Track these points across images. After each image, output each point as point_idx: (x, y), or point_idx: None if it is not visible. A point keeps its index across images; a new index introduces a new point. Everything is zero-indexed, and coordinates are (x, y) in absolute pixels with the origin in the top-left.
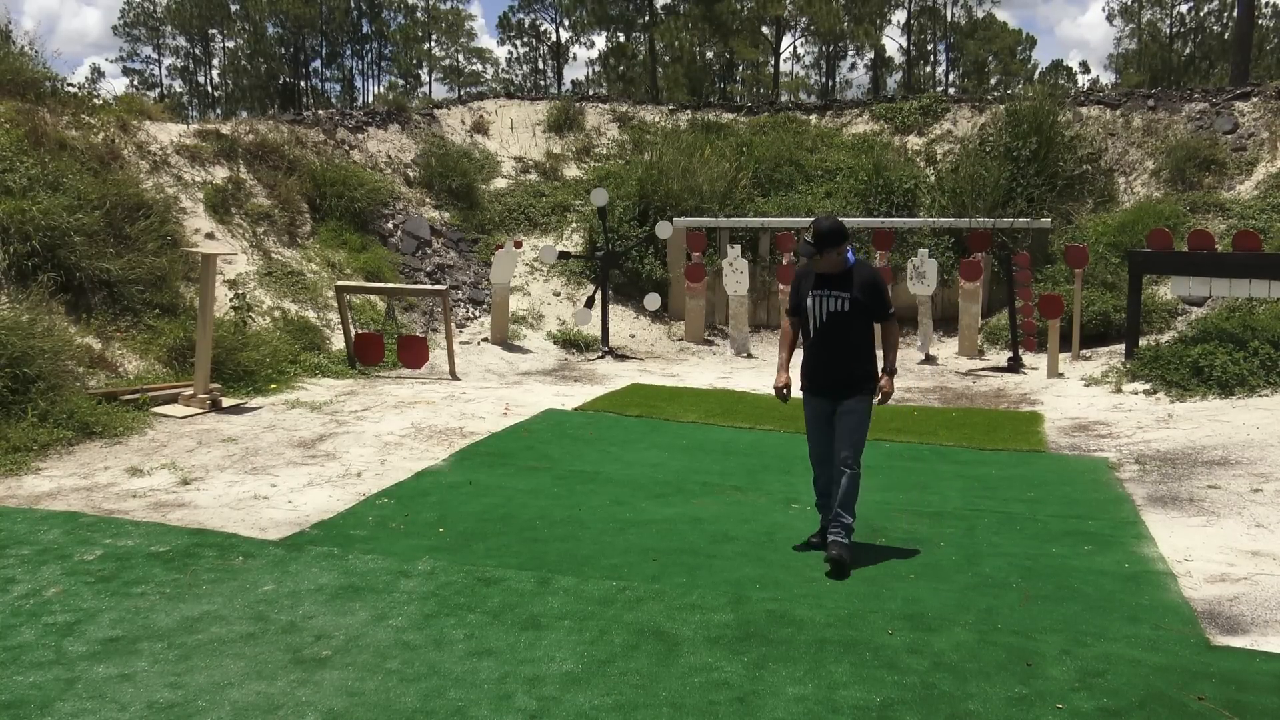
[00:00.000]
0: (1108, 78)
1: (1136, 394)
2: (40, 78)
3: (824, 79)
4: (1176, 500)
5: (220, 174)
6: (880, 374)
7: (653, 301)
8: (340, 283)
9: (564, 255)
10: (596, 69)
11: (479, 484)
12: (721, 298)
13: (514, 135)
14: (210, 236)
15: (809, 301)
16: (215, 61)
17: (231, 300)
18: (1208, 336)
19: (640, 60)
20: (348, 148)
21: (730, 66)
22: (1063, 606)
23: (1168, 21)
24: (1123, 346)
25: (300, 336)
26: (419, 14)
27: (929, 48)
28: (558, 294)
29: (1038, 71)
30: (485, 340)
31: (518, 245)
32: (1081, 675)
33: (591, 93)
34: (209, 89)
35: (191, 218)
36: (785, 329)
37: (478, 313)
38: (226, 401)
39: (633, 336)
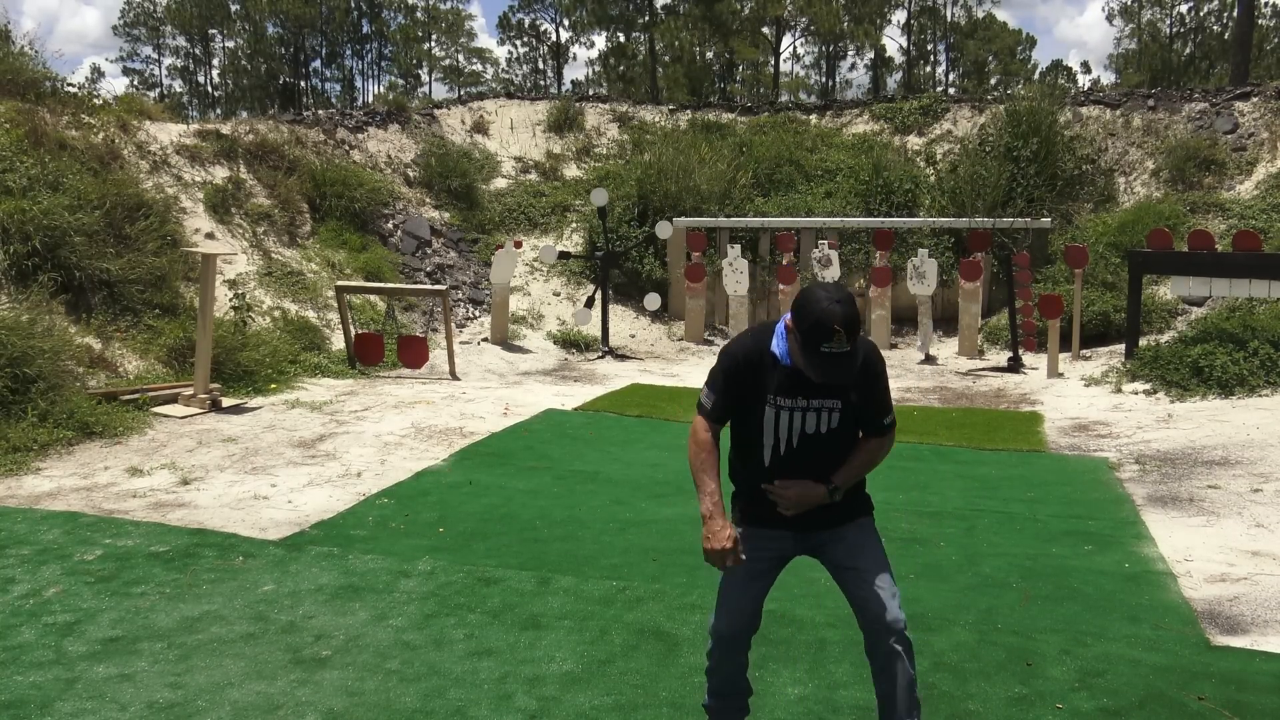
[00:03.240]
0: (1108, 78)
1: (1136, 394)
2: (40, 78)
3: (824, 79)
4: (1176, 500)
5: (220, 174)
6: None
7: (653, 301)
8: (340, 283)
9: (564, 255)
10: (596, 69)
11: (479, 484)
12: (721, 298)
13: (514, 135)
14: (210, 236)
15: (769, 414)
16: (215, 61)
17: (231, 300)
18: (1208, 336)
19: (640, 60)
20: (348, 148)
21: (730, 66)
22: (1063, 606)
23: (1168, 21)
24: (1123, 346)
25: (300, 336)
26: (419, 14)
27: (929, 48)
28: (558, 294)
29: (1038, 71)
30: (485, 340)
31: (518, 245)
32: (1081, 675)
33: (591, 93)
34: (209, 89)
35: (191, 218)
36: (702, 439)
37: (478, 313)
38: (226, 401)
39: (633, 336)
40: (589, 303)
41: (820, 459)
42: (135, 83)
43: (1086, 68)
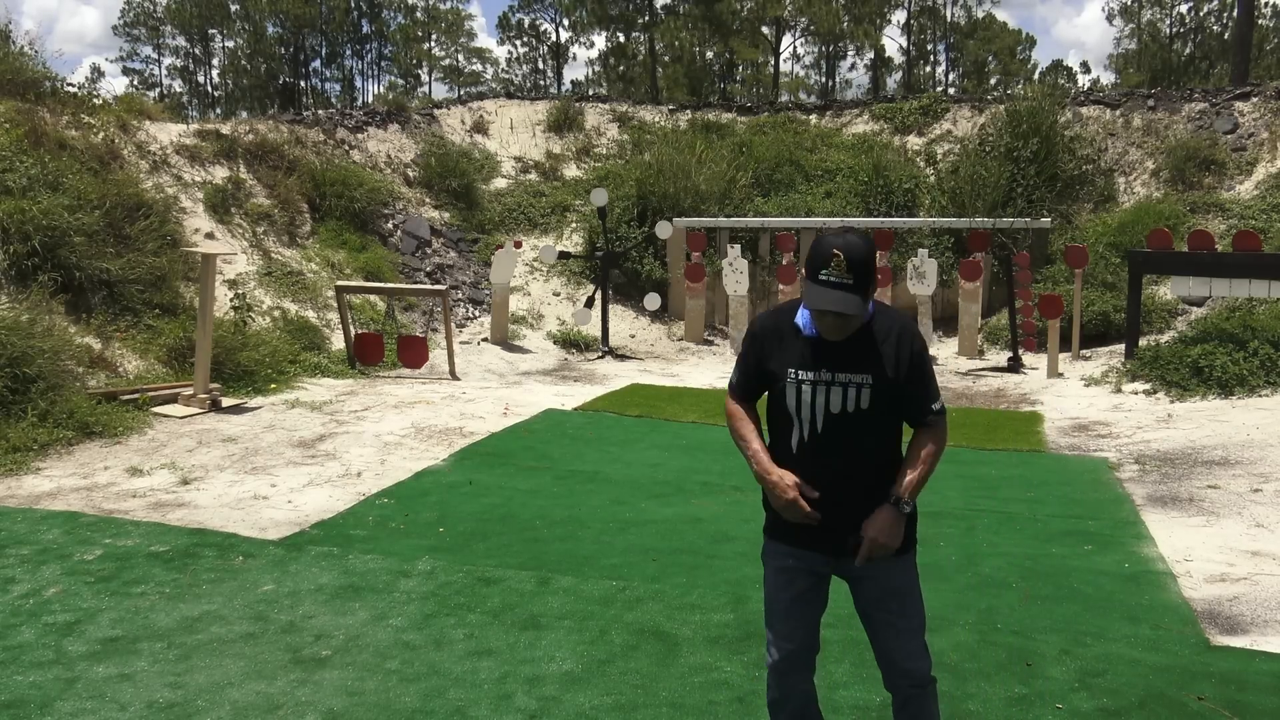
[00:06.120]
0: (1108, 78)
1: (1136, 394)
2: (40, 77)
3: (824, 79)
4: (1176, 500)
5: (220, 174)
6: (890, 505)
7: (653, 301)
8: (340, 283)
9: (564, 255)
10: (596, 69)
11: (479, 484)
12: (721, 298)
13: (514, 135)
14: (210, 236)
15: (790, 391)
16: (215, 61)
17: (231, 300)
18: (1208, 336)
19: (640, 60)
20: (348, 148)
21: (730, 66)
22: (1063, 606)
23: (1168, 21)
24: (1123, 346)
25: (300, 336)
26: (419, 14)
27: (929, 48)
28: (558, 294)
29: (1038, 72)
30: (485, 340)
31: (518, 245)
32: (1081, 675)
33: (591, 93)
34: (209, 89)
35: (191, 218)
36: (733, 409)
37: (478, 313)
38: (226, 401)
39: (633, 336)
40: (589, 303)
41: (852, 449)
42: (135, 83)
43: (1086, 68)
